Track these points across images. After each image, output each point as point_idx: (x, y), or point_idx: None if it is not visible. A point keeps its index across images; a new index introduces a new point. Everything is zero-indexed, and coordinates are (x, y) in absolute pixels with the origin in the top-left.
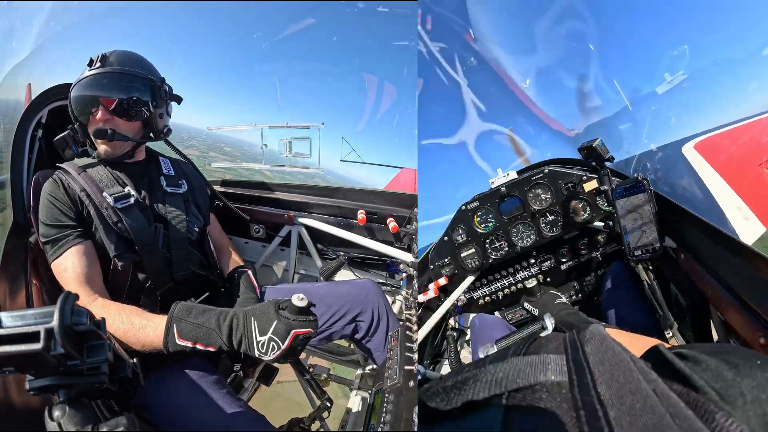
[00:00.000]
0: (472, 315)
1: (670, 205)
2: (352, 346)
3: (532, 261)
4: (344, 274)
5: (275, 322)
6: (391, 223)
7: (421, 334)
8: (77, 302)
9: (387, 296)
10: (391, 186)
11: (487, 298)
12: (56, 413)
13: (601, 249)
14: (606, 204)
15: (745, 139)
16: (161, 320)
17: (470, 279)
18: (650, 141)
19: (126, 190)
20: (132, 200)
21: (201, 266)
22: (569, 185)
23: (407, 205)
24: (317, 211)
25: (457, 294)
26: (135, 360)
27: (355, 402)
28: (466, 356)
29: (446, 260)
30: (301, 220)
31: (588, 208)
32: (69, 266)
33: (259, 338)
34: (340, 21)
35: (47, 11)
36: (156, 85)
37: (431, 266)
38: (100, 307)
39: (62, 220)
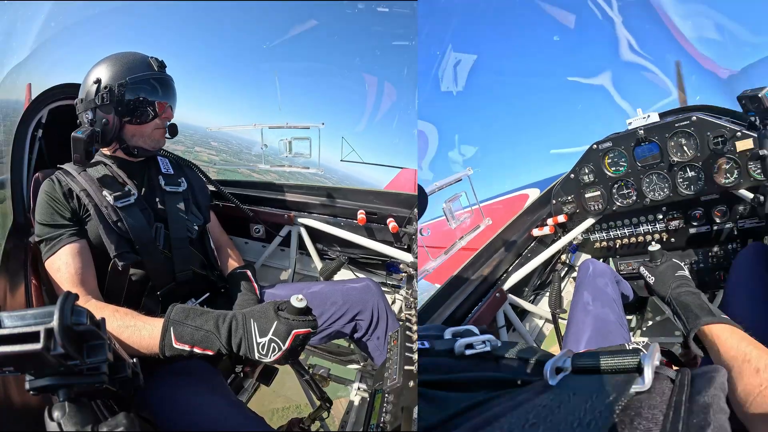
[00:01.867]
0: (583, 256)
1: None
2: (352, 346)
3: (660, 216)
4: (344, 274)
5: (275, 323)
6: (391, 223)
7: (528, 267)
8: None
9: (387, 296)
10: (391, 186)
11: (604, 243)
12: (56, 413)
13: (740, 222)
14: (759, 171)
15: None
16: (157, 323)
17: (590, 221)
18: None
19: (126, 189)
20: (132, 199)
21: (201, 266)
22: (719, 139)
23: (407, 205)
24: (317, 211)
25: (574, 234)
26: (135, 360)
27: (355, 402)
28: (569, 291)
29: (569, 198)
30: (301, 220)
31: (736, 171)
32: (62, 266)
33: (259, 340)
34: (340, 21)
35: (47, 11)
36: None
37: (553, 201)
38: (93, 308)
39: (57, 220)
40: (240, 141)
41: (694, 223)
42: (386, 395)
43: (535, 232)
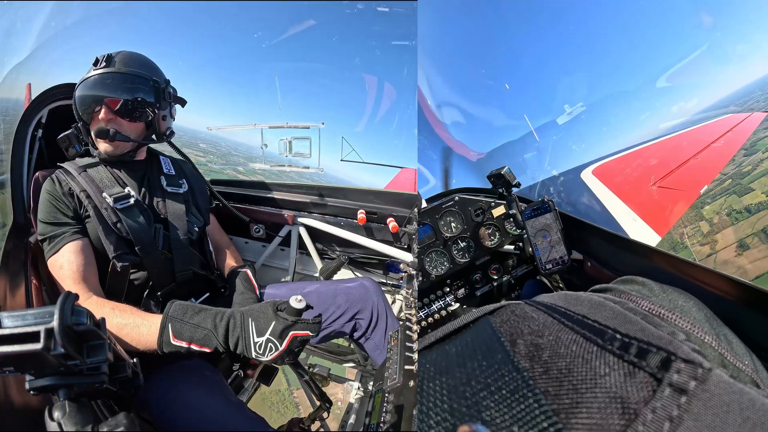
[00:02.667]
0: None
1: (573, 222)
2: (352, 346)
3: (447, 289)
4: (344, 274)
5: (273, 323)
6: (391, 223)
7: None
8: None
9: (387, 296)
10: (391, 186)
11: None
12: (56, 413)
13: (512, 272)
14: (514, 228)
15: (638, 163)
16: (156, 319)
17: None
18: (553, 167)
19: (126, 190)
20: (132, 201)
21: (201, 266)
22: (479, 211)
23: (407, 205)
24: (317, 211)
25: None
26: (135, 360)
27: (354, 402)
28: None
29: None
30: (301, 220)
31: (497, 233)
32: (65, 263)
33: (256, 339)
34: (340, 21)
35: (47, 11)
36: (160, 87)
37: None
38: (94, 305)
39: (59, 218)
40: (228, 143)
41: (478, 286)
42: (386, 395)
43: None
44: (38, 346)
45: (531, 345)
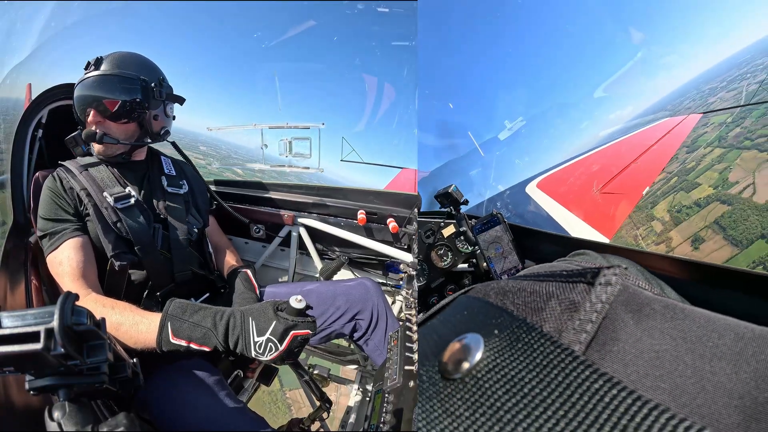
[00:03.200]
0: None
1: (522, 230)
2: (352, 346)
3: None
4: (344, 274)
5: (274, 323)
6: (391, 224)
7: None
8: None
9: (387, 296)
10: (391, 186)
11: None
12: (56, 413)
13: None
14: (466, 246)
15: (580, 172)
16: (155, 317)
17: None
18: (498, 182)
19: (127, 190)
20: (132, 200)
21: (201, 267)
22: (429, 233)
23: (407, 205)
24: (317, 211)
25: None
26: (135, 360)
27: (355, 402)
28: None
29: None
30: (301, 220)
31: (450, 253)
32: (64, 260)
33: (256, 339)
34: (340, 21)
35: (48, 11)
36: (149, 86)
37: None
38: (92, 302)
39: (60, 215)
40: (228, 145)
41: None
42: (386, 395)
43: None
44: (38, 346)
45: (499, 291)
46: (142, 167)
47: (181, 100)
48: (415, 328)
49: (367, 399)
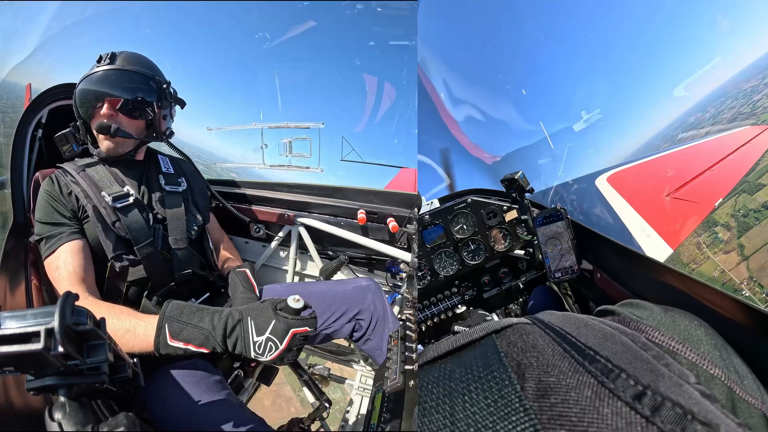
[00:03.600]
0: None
1: (585, 231)
2: (352, 346)
3: (455, 290)
4: (344, 274)
5: (273, 322)
6: (391, 223)
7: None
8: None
9: (387, 296)
10: (391, 186)
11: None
12: (56, 413)
13: (522, 277)
14: (526, 233)
15: (652, 173)
16: (153, 320)
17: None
18: (566, 174)
19: (125, 189)
20: (131, 200)
21: (201, 266)
22: (491, 214)
23: (407, 205)
24: (317, 211)
25: None
26: (135, 360)
27: (355, 402)
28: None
29: None
30: (301, 220)
31: (508, 237)
32: (61, 264)
33: (255, 338)
34: (340, 21)
35: (47, 11)
36: (162, 87)
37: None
38: (89, 305)
39: (57, 218)
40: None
41: (486, 288)
42: (386, 395)
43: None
44: (38, 346)
45: (540, 382)
46: (140, 166)
47: (183, 103)
48: (415, 327)
49: (367, 399)
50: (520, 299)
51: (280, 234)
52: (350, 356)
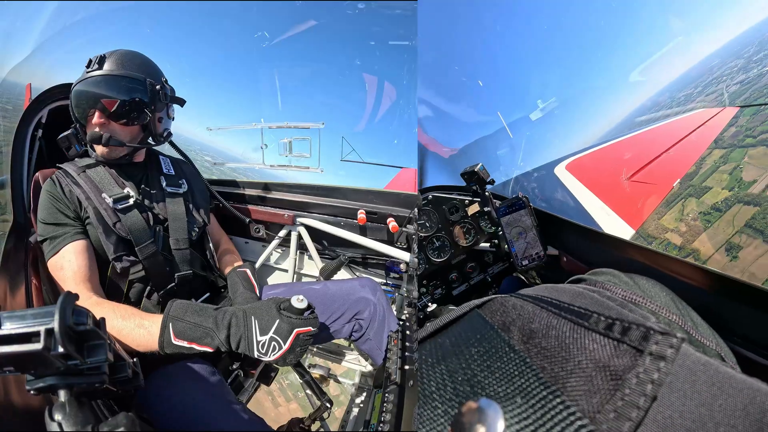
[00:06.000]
0: None
1: (548, 217)
2: (352, 346)
3: (423, 290)
4: (344, 274)
5: (277, 321)
6: (391, 223)
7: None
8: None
9: (387, 296)
10: (391, 186)
11: None
12: (56, 413)
13: (489, 269)
14: (489, 225)
15: (610, 158)
16: (157, 319)
17: None
18: (526, 164)
19: (125, 191)
20: (131, 201)
21: (202, 267)
22: (453, 210)
23: (407, 205)
24: (317, 211)
25: None
26: (135, 360)
27: (355, 402)
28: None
29: None
30: (301, 220)
31: (472, 231)
32: (65, 264)
33: (259, 338)
34: (340, 21)
35: (48, 11)
36: (155, 88)
37: None
38: (93, 305)
39: (60, 219)
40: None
41: (454, 285)
42: (386, 395)
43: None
44: (38, 346)
45: (523, 330)
46: (141, 168)
47: (182, 102)
48: (415, 327)
49: (367, 399)
50: (489, 292)
51: (280, 234)
52: (350, 356)
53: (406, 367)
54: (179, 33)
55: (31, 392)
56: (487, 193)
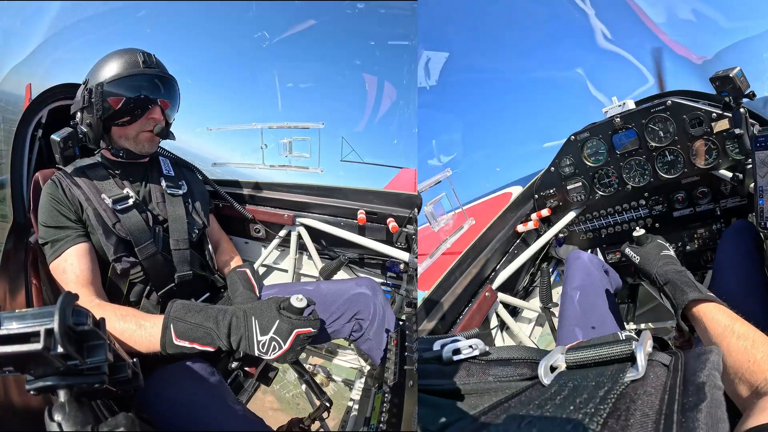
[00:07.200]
0: (570, 248)
1: None
2: (352, 346)
3: (642, 203)
4: (344, 274)
5: (277, 321)
6: (391, 223)
7: (516, 264)
8: (77, 303)
9: (387, 296)
10: (391, 186)
11: (590, 234)
12: (56, 413)
13: (722, 202)
14: (737, 151)
15: None
16: (158, 320)
17: (573, 213)
18: None
19: (125, 191)
20: (131, 202)
21: (201, 267)
22: (695, 122)
23: (407, 205)
24: (317, 211)
25: (559, 227)
26: (135, 360)
27: (355, 402)
28: (559, 285)
29: (551, 191)
30: (301, 220)
31: (714, 152)
32: (68, 268)
33: (260, 338)
34: (339, 21)
35: (48, 10)
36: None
37: (536, 196)
38: (96, 308)
39: (61, 221)
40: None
41: (677, 206)
42: (386, 395)
43: (520, 228)
44: (38, 346)
45: None
46: (141, 169)
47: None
48: (414, 327)
49: (367, 399)
50: (714, 227)
51: (280, 234)
52: (350, 356)
53: (406, 367)
54: (179, 33)
55: (31, 392)
56: (742, 109)
